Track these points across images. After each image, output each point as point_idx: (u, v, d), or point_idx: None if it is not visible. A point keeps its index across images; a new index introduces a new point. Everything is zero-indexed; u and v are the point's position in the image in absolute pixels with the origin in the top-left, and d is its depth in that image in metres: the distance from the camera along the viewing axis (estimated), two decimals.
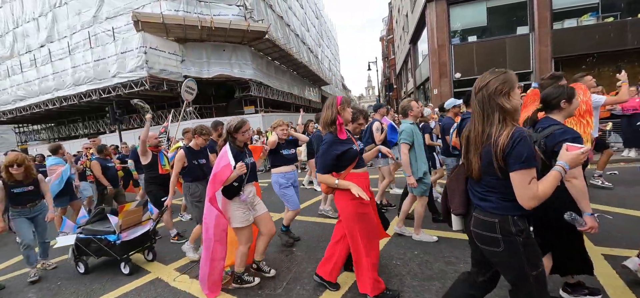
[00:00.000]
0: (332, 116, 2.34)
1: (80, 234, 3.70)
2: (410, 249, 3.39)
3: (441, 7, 13.84)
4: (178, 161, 3.57)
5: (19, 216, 3.59)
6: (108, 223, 3.64)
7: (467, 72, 13.87)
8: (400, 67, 29.84)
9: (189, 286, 3.11)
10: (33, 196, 3.65)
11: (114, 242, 3.48)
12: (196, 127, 3.80)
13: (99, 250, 3.59)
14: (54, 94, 17.94)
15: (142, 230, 3.72)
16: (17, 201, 3.56)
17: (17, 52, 20.19)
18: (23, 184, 3.56)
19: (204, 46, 17.50)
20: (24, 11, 19.51)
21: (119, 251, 3.47)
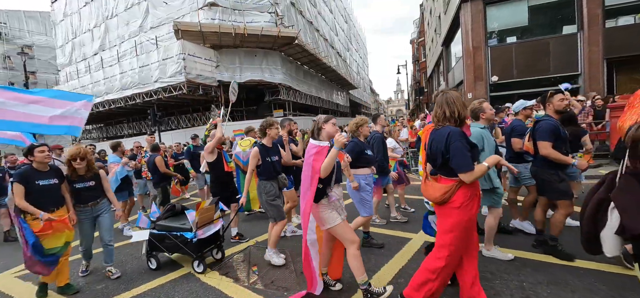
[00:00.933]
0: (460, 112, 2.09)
1: (153, 229, 3.65)
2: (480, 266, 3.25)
3: (477, 7, 13.23)
4: (253, 159, 3.47)
5: (83, 218, 3.37)
6: (183, 219, 3.62)
7: (505, 75, 13.09)
8: (431, 71, 28.87)
9: (218, 282, 3.22)
10: (95, 192, 3.43)
11: (191, 240, 3.40)
12: (265, 120, 3.67)
13: (173, 247, 3.52)
14: (104, 97, 19.71)
15: (214, 228, 3.63)
16: (79, 199, 3.35)
17: (74, 60, 22.52)
18: (85, 179, 3.36)
19: (237, 51, 18.26)
20: (81, 23, 21.73)
21: (194, 249, 3.40)
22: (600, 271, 2.75)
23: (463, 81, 14.46)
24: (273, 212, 3.51)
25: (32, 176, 3.07)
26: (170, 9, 17.55)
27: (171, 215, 3.86)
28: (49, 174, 3.16)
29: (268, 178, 3.54)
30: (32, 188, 3.02)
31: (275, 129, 3.63)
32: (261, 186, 3.55)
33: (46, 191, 3.09)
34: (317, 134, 2.55)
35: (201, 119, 19.58)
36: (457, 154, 1.96)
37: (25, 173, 3.07)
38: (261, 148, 3.53)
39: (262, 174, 3.54)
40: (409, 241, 3.85)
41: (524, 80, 12.78)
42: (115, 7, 19.68)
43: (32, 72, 30.59)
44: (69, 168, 3.29)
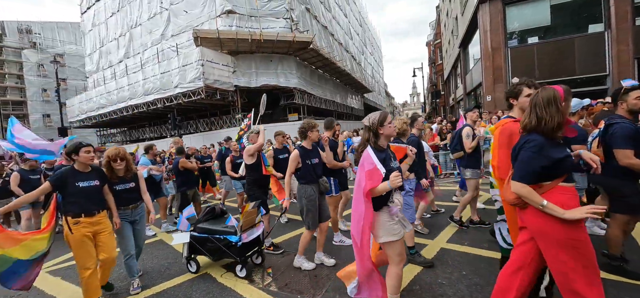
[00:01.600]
0: (558, 115, 1.74)
1: (194, 232, 3.54)
2: (457, 268, 3.20)
3: (496, 8, 12.89)
4: (292, 162, 3.35)
5: (122, 220, 3.22)
6: (225, 222, 3.54)
7: (527, 77, 12.62)
8: (448, 73, 28.29)
9: (234, 283, 3.29)
10: (134, 194, 3.32)
11: (235, 243, 3.30)
12: (306, 122, 3.50)
13: (216, 251, 3.43)
14: (128, 102, 20.62)
15: (257, 232, 3.56)
16: (120, 201, 3.22)
17: (101, 67, 23.75)
18: (125, 180, 3.24)
19: (253, 57, 18.65)
20: (108, 32, 22.92)
21: (238, 253, 3.31)
22: None
23: (482, 83, 14.09)
24: (309, 219, 3.39)
25: (71, 177, 2.91)
26: (190, 17, 18.19)
27: (211, 218, 3.74)
28: (90, 175, 3.00)
29: (308, 181, 3.41)
30: (72, 189, 2.87)
31: (316, 131, 3.50)
32: (301, 190, 3.41)
33: (87, 193, 2.94)
34: (374, 140, 2.19)
35: (218, 123, 20.08)
36: None
37: (64, 175, 2.90)
38: (301, 150, 3.40)
39: (302, 177, 3.42)
40: (424, 247, 3.79)
41: (547, 81, 12.27)
42: (139, 16, 20.64)
43: (63, 79, 32.53)
44: (108, 169, 3.16)
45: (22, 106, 38.81)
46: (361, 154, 2.18)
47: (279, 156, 4.86)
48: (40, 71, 36.86)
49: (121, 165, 3.19)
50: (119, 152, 3.17)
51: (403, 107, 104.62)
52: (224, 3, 17.06)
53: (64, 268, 4.27)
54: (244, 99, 18.93)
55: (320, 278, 3.21)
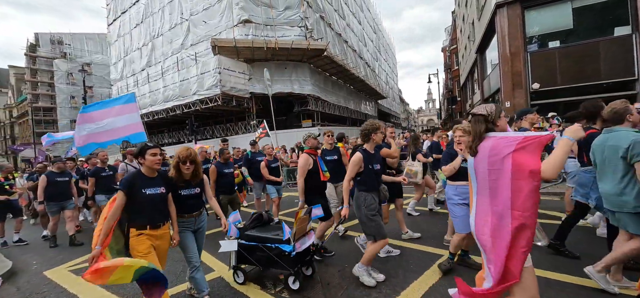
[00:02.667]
0: None
1: (242, 240, 3.29)
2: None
3: (514, 12, 12.56)
4: (354, 166, 3.03)
5: (185, 229, 2.88)
6: (274, 230, 3.30)
7: (548, 82, 12.20)
8: (465, 79, 27.71)
9: (247, 288, 3.32)
10: (199, 201, 2.98)
11: (289, 253, 3.02)
12: (369, 122, 3.22)
13: (266, 260, 3.19)
14: (149, 109, 21.45)
15: (309, 241, 3.29)
16: (184, 208, 2.87)
17: (125, 76, 24.90)
18: (190, 185, 2.89)
19: (268, 64, 19.00)
20: (132, 43, 24.04)
21: (291, 264, 3.05)
22: None
23: (500, 89, 13.70)
24: (372, 228, 3.06)
25: (139, 182, 2.58)
26: (209, 27, 18.82)
27: (259, 224, 3.50)
28: (157, 181, 2.67)
29: (369, 189, 3.09)
30: (138, 196, 2.53)
31: (381, 134, 3.17)
32: (360, 198, 3.07)
33: (153, 202, 2.59)
34: (482, 133, 1.85)
35: (234, 129, 20.52)
36: None
37: (132, 179, 2.58)
38: (364, 153, 3.08)
39: (363, 184, 3.10)
40: (440, 257, 3.71)
41: (569, 87, 11.81)
42: (161, 27, 21.56)
43: (89, 87, 34.28)
44: (176, 171, 2.82)
45: (52, 112, 41.08)
46: (476, 148, 1.85)
47: (327, 157, 4.63)
48: (69, 79, 39.02)
49: (190, 168, 2.82)
50: (190, 154, 2.82)
51: (418, 113, 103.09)
52: (241, 13, 17.56)
53: (85, 267, 4.44)
54: (258, 105, 19.28)
55: (333, 287, 3.19)
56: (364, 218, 3.09)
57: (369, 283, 3.09)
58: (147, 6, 22.45)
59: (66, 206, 5.82)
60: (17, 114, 46.81)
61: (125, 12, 24.38)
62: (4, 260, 4.81)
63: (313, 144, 3.98)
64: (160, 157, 2.71)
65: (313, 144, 3.98)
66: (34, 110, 40.63)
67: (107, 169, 6.03)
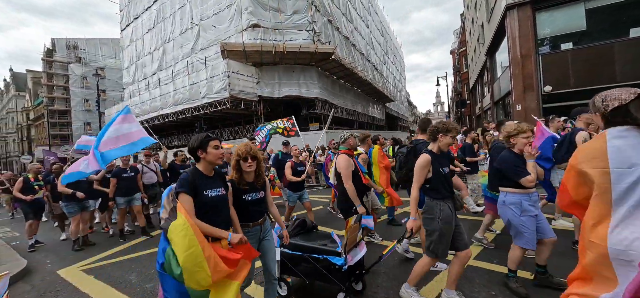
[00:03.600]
0: None
1: (285, 248, 2.91)
2: (485, 287, 3.05)
3: (525, 13, 12.38)
4: (422, 170, 2.61)
5: (249, 240, 2.31)
6: (323, 239, 2.94)
7: (560, 85, 11.95)
8: (474, 81, 27.37)
9: (254, 291, 3.31)
10: (264, 206, 2.52)
11: (340, 266, 2.64)
12: (440, 122, 2.79)
13: (313, 273, 2.81)
14: (159, 112, 21.86)
15: (360, 253, 2.90)
16: (247, 216, 2.40)
17: (137, 80, 25.45)
18: (255, 188, 2.42)
19: (276, 68, 19.17)
20: (144, 47, 24.60)
21: (342, 279, 2.68)
22: None
23: (510, 91, 13.49)
24: (440, 246, 2.61)
25: (201, 182, 2.11)
26: (218, 31, 19.13)
27: (302, 232, 3.13)
28: (216, 181, 2.21)
29: (442, 196, 2.65)
30: (201, 198, 2.07)
31: (451, 138, 2.69)
32: (435, 208, 2.64)
33: (217, 206, 2.14)
34: None
35: (242, 132, 20.70)
36: None
37: (194, 178, 2.08)
38: (432, 155, 2.66)
39: (435, 191, 2.65)
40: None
41: (583, 90, 11.54)
42: (172, 32, 22.03)
43: (103, 91, 35.18)
44: (237, 172, 2.37)
45: (67, 115, 42.27)
46: None
47: None
48: (83, 83, 40.15)
49: (252, 166, 2.36)
50: (250, 148, 2.37)
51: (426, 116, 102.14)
52: (250, 17, 17.78)
53: (97, 267, 4.55)
54: (266, 108, 19.43)
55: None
56: (435, 232, 2.64)
57: None
58: (158, 12, 22.97)
59: (86, 207, 5.86)
60: (33, 117, 48.33)
61: (138, 18, 24.99)
62: (20, 259, 4.95)
63: (353, 144, 3.64)
64: (223, 152, 2.26)
65: (353, 144, 3.64)
66: (50, 113, 41.91)
67: (129, 170, 6.05)
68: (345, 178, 3.46)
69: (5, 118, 58.23)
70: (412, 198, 2.65)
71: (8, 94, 57.12)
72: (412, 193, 2.65)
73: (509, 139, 2.96)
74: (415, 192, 2.63)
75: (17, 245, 6.23)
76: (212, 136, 2.20)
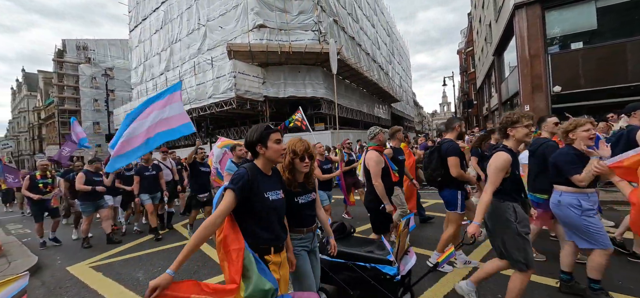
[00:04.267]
0: None
1: (323, 255, 2.55)
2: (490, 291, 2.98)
3: (534, 12, 12.20)
4: (500, 171, 2.26)
5: (301, 250, 2.11)
6: (366, 244, 2.65)
7: (570, 85, 11.74)
8: (481, 81, 27.06)
9: None
10: (314, 211, 2.23)
11: (392, 277, 2.33)
12: (508, 114, 2.48)
13: (358, 282, 2.46)
14: None
15: (411, 261, 2.60)
16: (301, 221, 2.10)
17: (145, 80, 25.80)
18: (308, 190, 2.15)
19: (282, 68, 19.23)
20: (152, 48, 24.93)
21: (393, 290, 2.36)
22: None
23: (518, 92, 13.30)
24: (524, 252, 2.29)
25: (260, 182, 1.79)
26: (225, 32, 19.28)
27: (341, 237, 2.80)
28: (275, 181, 1.92)
29: (515, 198, 2.37)
30: (259, 203, 1.75)
31: (525, 129, 2.36)
32: (508, 211, 2.33)
33: (278, 211, 1.84)
34: None
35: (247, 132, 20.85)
36: None
37: (251, 177, 1.74)
38: (510, 153, 2.33)
39: (507, 192, 2.35)
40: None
41: (594, 90, 11.33)
42: (179, 33, 22.28)
43: (111, 91, 35.69)
44: (290, 172, 2.06)
45: (76, 115, 43.02)
46: None
47: (399, 157, 4.17)
48: (92, 83, 40.81)
49: (308, 167, 2.08)
50: (307, 146, 2.06)
51: (432, 117, 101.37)
52: (256, 18, 17.88)
53: (105, 264, 4.62)
54: (272, 108, 19.51)
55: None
56: (515, 238, 2.31)
57: None
58: (166, 13, 23.25)
59: (101, 206, 5.81)
60: (44, 116, 49.32)
61: (146, 19, 25.33)
62: (30, 255, 5.06)
63: (383, 140, 3.47)
64: (284, 146, 1.96)
65: (383, 140, 3.47)
66: (60, 112, 42.73)
67: (151, 168, 5.96)
68: (374, 175, 3.28)
69: (17, 117, 59.62)
70: (484, 203, 2.26)
71: (20, 94, 58.46)
72: (485, 197, 2.28)
73: (567, 136, 2.72)
74: (489, 196, 2.27)
75: (28, 241, 6.37)
76: (273, 128, 1.90)
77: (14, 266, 4.54)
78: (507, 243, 2.34)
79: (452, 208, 3.38)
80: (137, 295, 3.51)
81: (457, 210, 3.33)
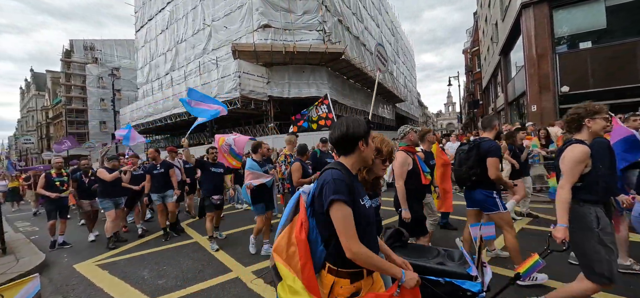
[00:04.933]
0: None
1: None
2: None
3: (541, 11, 12.04)
4: (578, 165, 2.06)
5: None
6: (432, 255, 2.23)
7: (579, 85, 11.56)
8: (487, 81, 26.80)
9: (263, 290, 3.35)
10: (380, 218, 2.08)
11: (476, 294, 1.99)
12: (583, 105, 2.23)
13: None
14: (171, 111, 22.26)
15: (488, 275, 2.14)
16: (367, 228, 1.47)
17: (150, 79, 26.02)
18: (376, 194, 1.99)
19: (287, 68, 19.24)
20: (157, 48, 25.12)
21: None
22: None
23: (525, 92, 13.14)
24: (607, 263, 2.02)
25: (355, 185, 1.43)
26: (230, 32, 19.35)
27: (399, 245, 2.37)
28: (360, 185, 1.61)
29: (599, 199, 2.10)
30: (358, 211, 1.38)
31: (603, 122, 2.16)
32: (589, 215, 2.08)
33: (371, 221, 1.47)
34: None
35: (252, 131, 20.87)
36: None
37: (351, 182, 1.39)
38: (599, 145, 2.13)
39: (589, 191, 2.10)
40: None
41: (603, 90, 11.14)
42: (184, 33, 22.42)
43: (118, 90, 36.06)
44: (367, 172, 1.83)
45: (83, 114, 43.57)
46: None
47: (431, 162, 3.91)
48: (99, 83, 41.30)
49: (386, 169, 1.86)
50: (391, 148, 1.85)
51: (437, 117, 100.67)
52: (261, 18, 17.91)
53: (111, 262, 4.66)
54: (276, 108, 19.53)
55: None
56: (592, 246, 2.04)
57: None
58: (172, 13, 23.41)
59: (119, 204, 5.70)
60: (52, 115, 50.02)
61: (152, 19, 25.53)
62: (38, 253, 5.12)
63: (414, 140, 3.28)
64: None
65: (414, 140, 3.28)
66: (68, 112, 43.30)
67: (159, 166, 5.76)
68: (398, 176, 3.09)
69: (26, 117, 60.57)
70: (563, 201, 2.02)
71: (29, 93, 59.39)
72: (563, 194, 2.03)
73: None
74: (567, 193, 2.03)
75: (36, 239, 6.45)
76: (371, 124, 1.54)
77: (21, 263, 4.60)
78: (584, 251, 2.07)
79: (494, 209, 3.07)
80: (142, 293, 3.53)
81: (500, 209, 3.06)
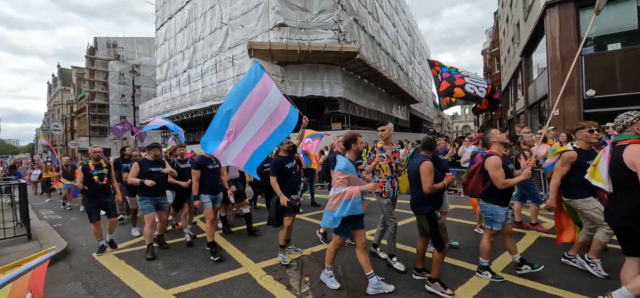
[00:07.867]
0: None
1: None
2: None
3: (567, 12, 11.54)
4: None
5: None
6: None
7: (605, 89, 11.01)
8: (507, 83, 25.96)
9: (273, 286, 3.37)
10: None
11: None
12: None
13: None
14: (188, 107, 22.82)
15: None
16: None
17: (168, 77, 26.75)
18: None
19: (301, 67, 19.31)
20: (176, 46, 25.80)
21: None
22: None
23: (547, 95, 12.63)
24: None
25: None
26: (246, 31, 19.62)
27: None
28: None
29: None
30: None
31: None
32: None
33: None
34: None
35: None
36: None
37: None
38: None
39: None
40: (473, 275, 3.47)
41: (632, 95, 10.55)
42: (202, 31, 22.93)
43: (137, 87, 37.27)
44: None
45: (105, 109, 45.31)
46: None
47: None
48: (120, 79, 42.87)
49: None
50: None
51: (453, 119, 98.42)
52: (277, 17, 18.05)
53: (128, 252, 4.80)
54: None
55: (359, 294, 3.13)
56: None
57: None
58: (190, 12, 23.99)
59: (162, 204, 4.69)
60: (76, 110, 52.26)
61: (171, 18, 26.25)
62: (60, 240, 5.36)
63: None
64: None
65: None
66: (90, 106, 45.14)
67: (214, 161, 4.50)
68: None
69: (52, 110, 63.63)
70: None
71: (55, 88, 62.33)
72: None
73: None
74: None
75: (59, 227, 6.74)
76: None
77: (45, 249, 4.81)
78: None
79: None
80: (156, 284, 3.62)
81: None
